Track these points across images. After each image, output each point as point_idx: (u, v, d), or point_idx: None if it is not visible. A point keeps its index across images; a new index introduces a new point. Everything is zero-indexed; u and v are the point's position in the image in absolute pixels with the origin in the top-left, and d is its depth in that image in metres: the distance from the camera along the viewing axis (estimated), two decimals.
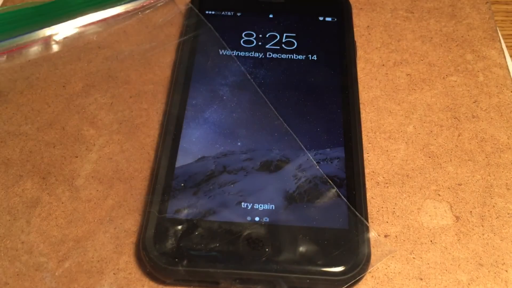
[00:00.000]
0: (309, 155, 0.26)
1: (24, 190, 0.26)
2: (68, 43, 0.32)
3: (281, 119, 0.27)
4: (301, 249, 0.23)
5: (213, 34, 0.30)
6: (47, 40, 0.32)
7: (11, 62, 0.31)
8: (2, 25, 0.32)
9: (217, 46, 0.30)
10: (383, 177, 0.27)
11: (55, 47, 0.32)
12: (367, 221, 0.24)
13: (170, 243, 0.23)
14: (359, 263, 0.22)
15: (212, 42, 0.30)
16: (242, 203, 0.24)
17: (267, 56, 0.30)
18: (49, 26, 0.32)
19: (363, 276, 0.22)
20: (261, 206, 0.24)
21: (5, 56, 0.31)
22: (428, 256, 0.24)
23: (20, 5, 0.33)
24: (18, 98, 0.29)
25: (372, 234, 0.23)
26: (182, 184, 0.25)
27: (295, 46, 0.30)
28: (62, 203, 0.26)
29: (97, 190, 0.26)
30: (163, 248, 0.23)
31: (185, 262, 0.22)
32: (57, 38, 0.32)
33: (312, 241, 0.23)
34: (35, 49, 0.32)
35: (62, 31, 0.32)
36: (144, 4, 0.33)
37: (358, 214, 0.24)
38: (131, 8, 0.33)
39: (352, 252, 0.23)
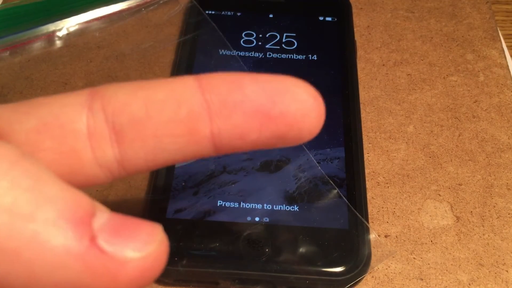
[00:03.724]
0: (310, 155, 0.26)
1: None
2: (70, 39, 0.32)
3: None
4: (301, 249, 0.23)
5: (216, 32, 0.30)
6: (50, 37, 0.32)
7: (14, 58, 0.31)
8: (6, 20, 0.31)
9: (219, 45, 0.30)
10: (384, 177, 0.27)
11: (57, 44, 0.32)
12: (368, 221, 0.24)
13: (170, 243, 0.23)
14: (359, 263, 0.22)
15: (214, 41, 0.30)
16: (242, 203, 0.24)
17: (267, 56, 0.30)
18: (52, 21, 0.32)
19: (363, 277, 0.22)
20: (261, 206, 0.24)
21: (8, 52, 0.31)
22: (428, 256, 0.24)
23: (22, 0, 0.33)
24: (18, 98, 0.29)
25: (373, 236, 0.23)
26: (183, 184, 0.25)
27: (295, 46, 0.30)
28: None
29: (97, 190, 0.26)
30: None
31: (185, 262, 0.22)
32: (60, 34, 0.32)
33: (312, 241, 0.23)
34: (37, 45, 0.31)
35: (64, 27, 0.32)
36: (147, 1, 0.33)
37: (358, 215, 0.24)
38: (134, 4, 0.33)
39: (353, 252, 0.22)
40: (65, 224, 0.10)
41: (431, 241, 0.25)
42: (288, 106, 0.12)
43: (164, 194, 0.24)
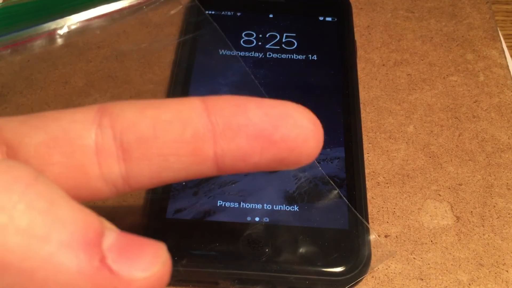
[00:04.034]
0: None
1: None
2: (71, 38, 0.32)
3: None
4: (301, 249, 0.23)
5: (217, 32, 0.30)
6: (51, 35, 0.32)
7: (15, 56, 0.31)
8: (7, 18, 0.31)
9: (220, 45, 0.30)
10: (384, 177, 0.27)
11: (57, 43, 0.32)
12: (368, 221, 0.24)
13: (169, 243, 0.23)
14: (359, 264, 0.22)
15: (215, 41, 0.30)
16: (242, 203, 0.24)
17: (267, 56, 0.30)
18: (53, 20, 0.32)
19: (363, 277, 0.22)
20: (261, 206, 0.24)
21: (9, 50, 0.31)
22: (428, 256, 0.24)
23: None
24: (17, 98, 0.29)
25: (373, 236, 0.23)
26: (183, 184, 0.25)
27: (295, 46, 0.30)
28: None
29: None
30: None
31: (185, 262, 0.22)
32: (61, 32, 0.32)
33: (312, 241, 0.23)
34: (38, 44, 0.31)
35: (65, 25, 0.32)
36: None
37: (358, 215, 0.24)
38: (135, 2, 0.33)
39: (353, 253, 0.22)
40: (77, 246, 0.11)
41: (431, 241, 0.25)
42: (289, 131, 0.13)
43: (164, 194, 0.24)
